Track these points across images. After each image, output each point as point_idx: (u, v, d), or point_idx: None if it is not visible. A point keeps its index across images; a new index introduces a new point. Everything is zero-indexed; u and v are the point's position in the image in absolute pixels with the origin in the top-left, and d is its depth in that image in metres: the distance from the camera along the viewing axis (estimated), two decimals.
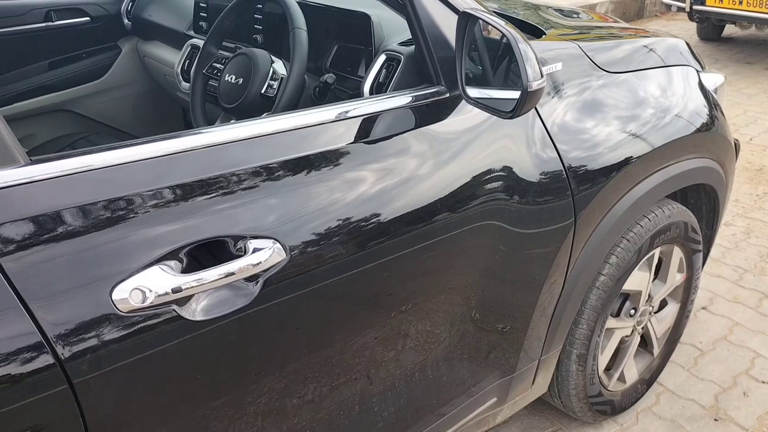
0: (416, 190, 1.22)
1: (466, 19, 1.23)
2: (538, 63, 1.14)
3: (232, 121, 1.55)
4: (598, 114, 1.54)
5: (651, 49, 1.80)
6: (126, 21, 2.49)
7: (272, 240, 1.03)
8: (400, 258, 1.20)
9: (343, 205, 1.13)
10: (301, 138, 1.15)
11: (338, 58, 1.71)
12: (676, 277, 2.01)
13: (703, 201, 2.07)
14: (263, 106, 1.49)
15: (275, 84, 1.50)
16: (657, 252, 1.86)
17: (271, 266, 1.02)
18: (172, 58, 2.20)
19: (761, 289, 2.69)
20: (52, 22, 2.34)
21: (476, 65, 1.32)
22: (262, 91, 1.49)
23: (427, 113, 1.31)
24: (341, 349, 1.17)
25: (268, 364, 1.08)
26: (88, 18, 2.37)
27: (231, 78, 1.54)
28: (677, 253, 1.96)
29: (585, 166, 1.49)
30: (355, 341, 1.19)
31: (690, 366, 2.28)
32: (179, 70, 2.09)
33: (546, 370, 1.71)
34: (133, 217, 0.94)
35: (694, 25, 6.57)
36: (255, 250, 1.01)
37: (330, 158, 1.15)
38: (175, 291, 0.92)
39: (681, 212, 1.87)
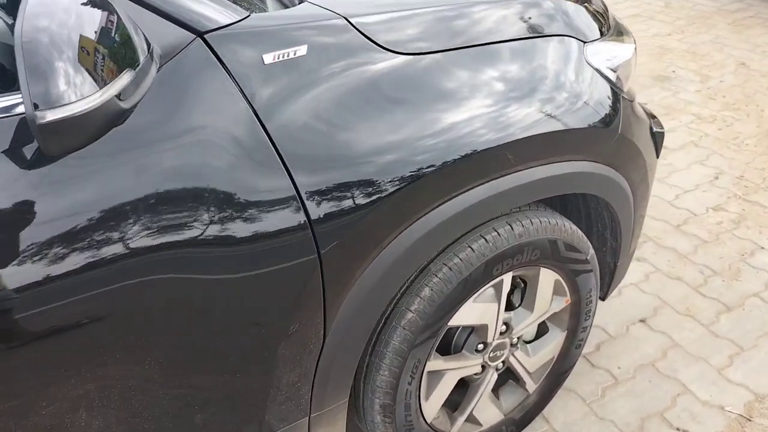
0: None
1: None
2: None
3: None
4: (366, 113, 1.13)
5: (498, 17, 1.33)
6: None
7: None
8: None
9: None
10: None
11: None
12: (550, 304, 1.59)
13: (602, 207, 1.62)
14: None
15: None
16: (506, 278, 1.45)
17: None
18: None
19: (725, 300, 2.19)
20: None
21: None
22: None
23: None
24: None
25: None
26: None
27: None
28: (548, 276, 1.54)
29: (335, 189, 1.10)
30: None
31: (594, 399, 1.87)
32: None
33: (330, 425, 1.38)
34: None
35: None
36: None
37: None
38: None
39: (545, 228, 1.44)
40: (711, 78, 3.83)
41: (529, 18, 1.37)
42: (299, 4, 1.18)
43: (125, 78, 0.81)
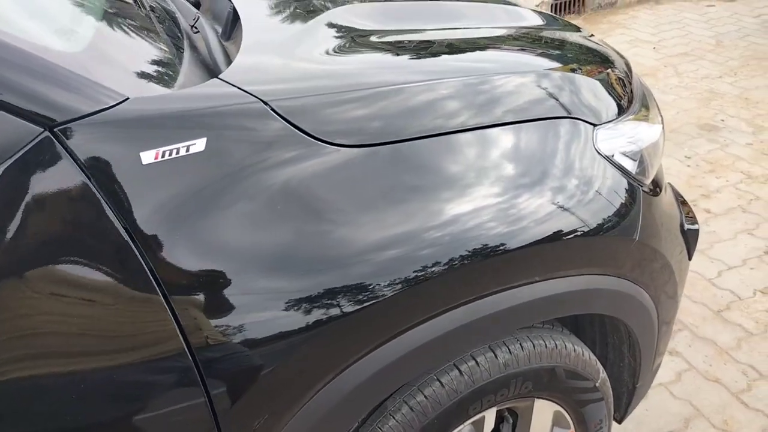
0: None
1: None
2: None
3: None
4: (288, 231, 0.85)
5: (480, 96, 1.04)
6: None
7: None
8: None
9: None
10: None
11: None
12: None
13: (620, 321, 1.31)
14: None
15: None
16: (488, 415, 1.15)
17: None
18: None
19: None
20: None
21: None
22: None
23: None
24: None
25: None
26: None
27: None
28: (546, 408, 1.24)
29: (238, 333, 0.83)
30: None
31: None
32: None
33: None
34: None
35: None
36: None
37: None
38: None
39: (540, 354, 1.14)
40: (765, 129, 3.45)
41: (513, 96, 1.07)
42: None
43: None
